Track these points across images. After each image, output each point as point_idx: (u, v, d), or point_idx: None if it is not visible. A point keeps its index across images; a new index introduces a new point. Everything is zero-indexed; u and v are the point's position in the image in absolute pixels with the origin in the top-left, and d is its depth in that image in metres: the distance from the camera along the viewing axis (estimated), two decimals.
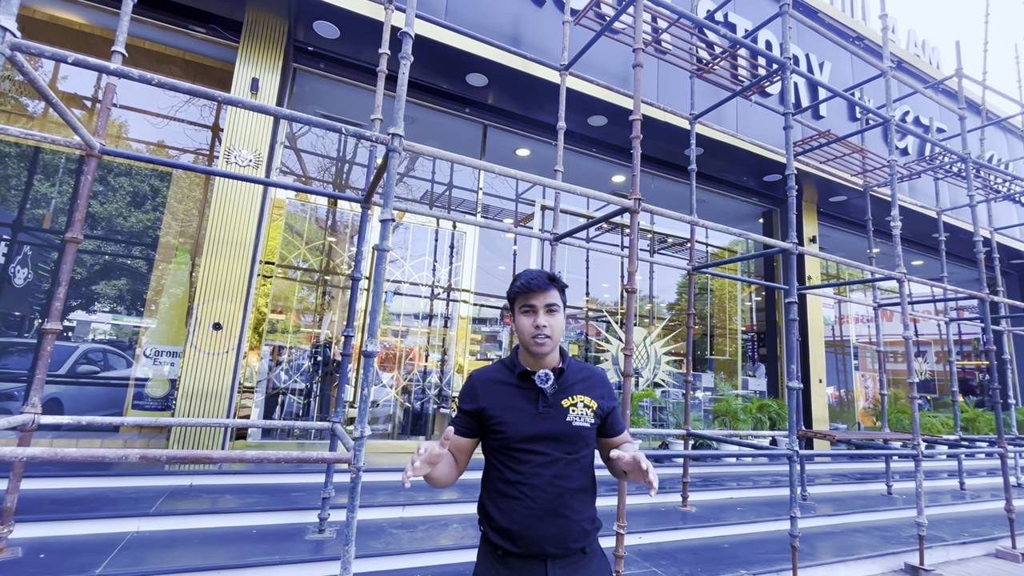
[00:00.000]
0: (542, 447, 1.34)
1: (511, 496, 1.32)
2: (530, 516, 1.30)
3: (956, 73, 5.83)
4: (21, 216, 4.84)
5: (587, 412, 1.39)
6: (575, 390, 1.41)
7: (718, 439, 4.52)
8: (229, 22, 4.78)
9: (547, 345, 1.38)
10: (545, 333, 1.38)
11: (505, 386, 1.41)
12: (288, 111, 2.30)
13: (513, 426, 1.35)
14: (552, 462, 1.33)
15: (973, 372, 12.81)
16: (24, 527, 2.82)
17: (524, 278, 1.42)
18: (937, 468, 7.76)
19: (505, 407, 1.37)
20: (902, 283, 4.24)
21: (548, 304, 1.40)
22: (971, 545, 4.55)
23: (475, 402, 1.40)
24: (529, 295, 1.40)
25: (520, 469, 1.33)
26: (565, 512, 1.31)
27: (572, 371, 1.45)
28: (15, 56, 1.87)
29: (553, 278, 1.42)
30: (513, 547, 1.30)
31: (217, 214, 4.30)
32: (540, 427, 1.35)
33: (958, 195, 8.68)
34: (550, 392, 1.38)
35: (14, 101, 5.03)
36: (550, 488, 1.31)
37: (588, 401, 1.40)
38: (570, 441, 1.36)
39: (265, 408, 5.34)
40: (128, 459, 1.89)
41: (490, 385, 1.42)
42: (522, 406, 1.37)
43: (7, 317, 4.78)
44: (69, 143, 2.76)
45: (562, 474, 1.33)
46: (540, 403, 1.37)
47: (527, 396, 1.39)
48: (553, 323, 1.39)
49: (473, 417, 1.41)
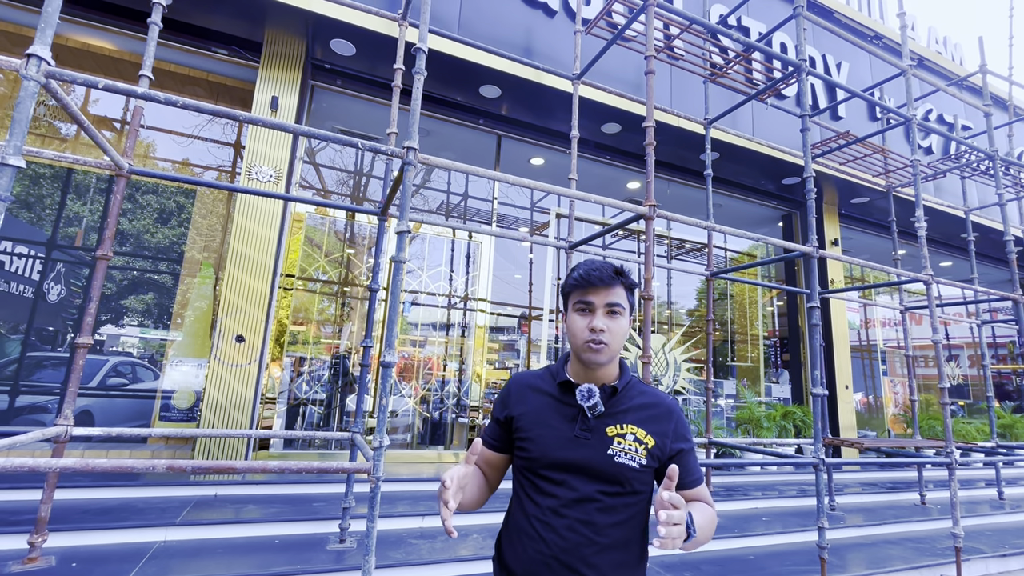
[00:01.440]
0: (571, 479, 1.07)
1: (526, 533, 1.08)
2: (539, 563, 1.04)
3: (980, 69, 5.70)
4: (55, 235, 5.04)
5: (637, 448, 1.08)
6: (628, 418, 1.11)
7: (741, 447, 4.43)
8: (249, 43, 4.94)
9: (603, 354, 1.10)
10: (603, 339, 1.09)
11: (542, 395, 1.17)
12: (306, 128, 2.36)
13: (540, 445, 1.10)
14: (581, 501, 1.06)
15: (1009, 376, 12.34)
16: (57, 536, 2.91)
17: (583, 268, 1.14)
18: (973, 477, 7.46)
19: (536, 420, 1.13)
20: (929, 285, 4.13)
21: (610, 304, 1.11)
22: (1012, 558, 4.35)
23: (507, 408, 1.19)
24: (588, 290, 1.12)
25: (540, 502, 1.08)
26: (584, 571, 1.03)
27: (630, 393, 1.15)
28: (50, 83, 1.96)
29: (620, 272, 1.14)
30: None
31: (239, 229, 4.42)
32: (571, 453, 1.08)
33: (987, 193, 8.42)
34: (593, 413, 1.10)
35: (48, 125, 5.25)
36: (570, 534, 1.04)
37: (642, 435, 1.09)
38: (609, 480, 1.07)
39: (287, 419, 5.42)
40: (155, 470, 1.94)
41: (526, 392, 1.19)
42: (556, 423, 1.12)
43: (42, 332, 4.96)
44: (100, 164, 2.87)
45: (591, 520, 1.05)
46: (579, 424, 1.10)
47: (564, 413, 1.12)
48: (614, 327, 1.11)
49: (502, 427, 1.19)
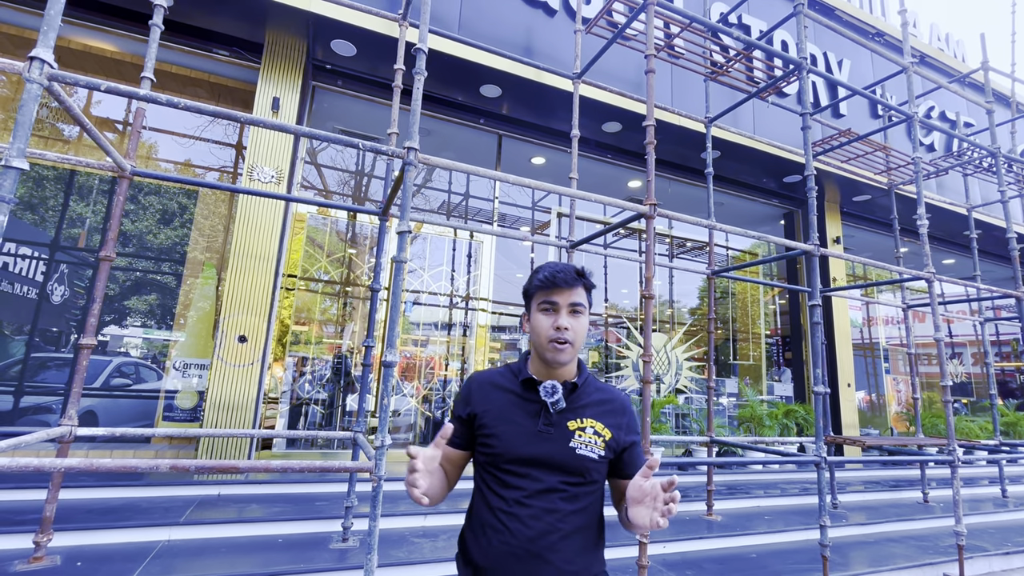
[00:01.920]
0: (535, 472, 1.12)
1: (491, 526, 1.11)
2: (507, 554, 1.07)
3: (982, 66, 5.68)
4: (58, 236, 5.06)
5: (596, 441, 1.15)
6: (587, 412, 1.19)
7: (743, 446, 4.43)
8: (250, 44, 4.95)
9: (566, 352, 1.16)
10: (566, 338, 1.15)
11: (504, 393, 1.21)
12: (307, 129, 2.37)
13: (504, 441, 1.14)
14: (544, 492, 1.11)
15: (1013, 374, 12.30)
16: (62, 536, 2.93)
17: (548, 270, 1.20)
18: (977, 475, 7.45)
19: (499, 417, 1.17)
20: (931, 283, 4.12)
21: (573, 303, 1.17)
22: (1015, 555, 4.35)
23: (469, 405, 1.22)
24: (552, 291, 1.18)
25: (505, 495, 1.12)
26: (550, 557, 1.08)
27: (588, 389, 1.23)
28: (53, 86, 1.97)
29: (582, 273, 1.21)
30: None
31: (241, 229, 4.43)
32: (536, 448, 1.13)
33: (989, 190, 8.39)
34: (555, 409, 1.16)
35: (51, 127, 5.28)
36: (535, 523, 1.09)
37: (600, 428, 1.17)
38: (570, 471, 1.13)
39: (289, 418, 5.44)
40: (159, 469, 1.95)
41: (488, 389, 1.23)
42: (519, 420, 1.16)
43: (45, 333, 4.98)
44: (102, 165, 2.89)
45: (555, 509, 1.10)
46: (541, 419, 1.16)
47: (527, 409, 1.18)
48: (576, 326, 1.17)
49: (465, 424, 1.22)
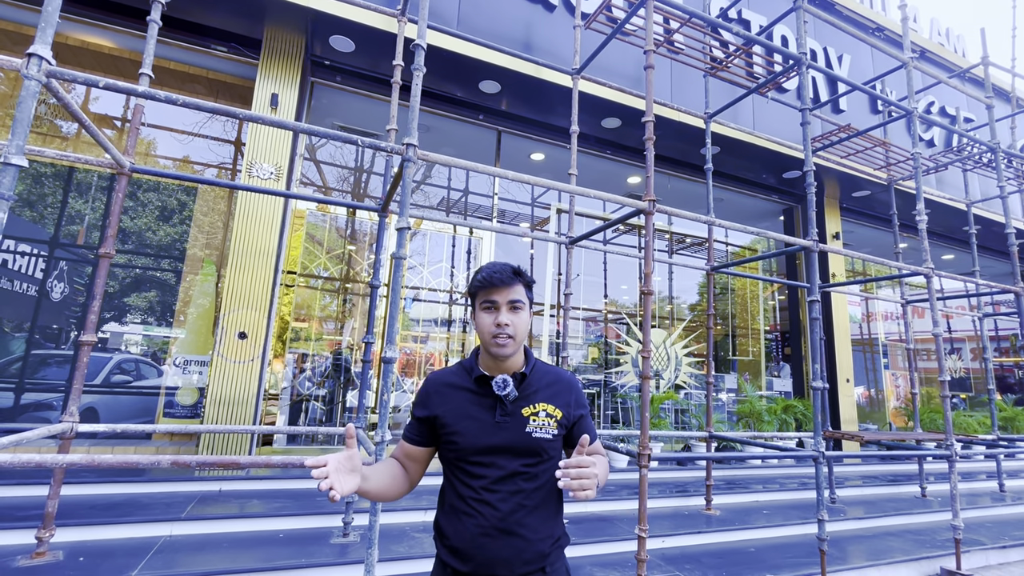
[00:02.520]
0: (499, 459, 1.22)
1: (463, 512, 1.22)
2: (481, 535, 1.19)
3: (982, 61, 5.66)
4: (57, 233, 5.06)
5: (549, 422, 1.26)
6: (538, 397, 1.28)
7: (742, 441, 4.45)
8: (249, 40, 4.94)
9: (509, 346, 1.25)
10: (507, 332, 1.24)
11: (460, 391, 1.29)
12: (305, 125, 2.37)
13: (467, 437, 1.24)
14: (509, 476, 1.22)
15: (1011, 369, 12.33)
16: (64, 531, 2.95)
17: (486, 271, 1.29)
18: (974, 469, 7.48)
19: (459, 415, 1.25)
20: (930, 278, 4.13)
21: (512, 301, 1.27)
22: (1012, 549, 4.37)
23: (427, 408, 1.29)
24: (491, 290, 1.27)
25: (473, 484, 1.22)
26: (520, 531, 1.20)
27: (536, 376, 1.32)
28: (51, 83, 1.97)
29: (518, 272, 1.30)
30: (462, 566, 1.20)
31: (240, 226, 4.43)
32: (496, 438, 1.23)
33: (988, 186, 8.39)
34: (509, 399, 1.25)
35: (49, 123, 5.27)
36: (503, 504, 1.20)
37: (551, 410, 1.27)
38: (529, 454, 1.24)
39: (290, 414, 5.45)
40: (160, 465, 1.97)
41: (444, 390, 1.30)
42: (477, 415, 1.25)
43: (46, 330, 4.99)
44: (101, 162, 2.89)
45: (519, 489, 1.22)
46: (498, 411, 1.25)
47: (483, 404, 1.26)
48: (517, 322, 1.26)
49: (425, 424, 1.29)
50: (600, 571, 3.24)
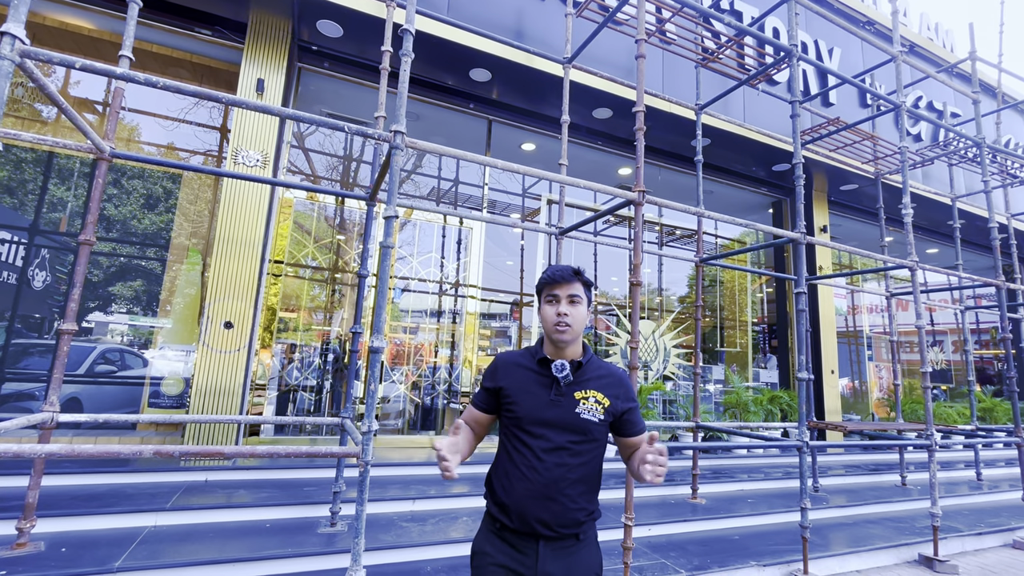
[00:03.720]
0: (549, 432, 1.40)
1: (513, 474, 1.40)
2: (527, 496, 1.36)
3: (970, 56, 5.70)
4: (38, 220, 4.95)
5: (597, 408, 1.43)
6: (590, 385, 1.46)
7: (728, 431, 4.50)
8: (233, 23, 4.83)
9: (567, 333, 1.44)
10: (566, 322, 1.44)
11: (524, 370, 1.49)
12: (292, 111, 2.32)
13: (524, 408, 1.42)
14: (556, 449, 1.39)
15: (991, 361, 12.59)
16: (46, 522, 2.91)
17: (551, 270, 1.51)
18: (953, 459, 7.65)
19: (520, 389, 1.45)
20: (914, 272, 4.18)
21: (571, 295, 1.47)
22: (987, 536, 4.49)
23: (495, 381, 1.50)
24: (554, 285, 1.48)
25: (524, 451, 1.40)
26: (560, 498, 1.36)
27: (591, 367, 1.50)
28: (25, 63, 1.91)
29: (578, 272, 1.50)
30: (509, 522, 1.38)
31: (226, 214, 4.36)
32: (549, 413, 1.41)
33: (974, 181, 8.50)
34: (564, 382, 1.43)
35: (28, 107, 5.13)
36: (549, 473, 1.37)
37: (600, 397, 1.45)
38: (576, 431, 1.40)
39: (277, 405, 5.42)
40: (143, 455, 1.94)
41: (511, 367, 1.51)
42: (536, 391, 1.44)
43: (27, 319, 4.89)
44: (81, 147, 2.81)
45: (564, 462, 1.38)
46: (553, 391, 1.43)
47: (542, 382, 1.45)
48: (575, 313, 1.46)
49: (492, 395, 1.51)
50: None
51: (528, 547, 1.37)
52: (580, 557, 1.40)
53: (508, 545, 1.39)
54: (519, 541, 1.38)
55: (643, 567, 3.21)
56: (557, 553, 1.37)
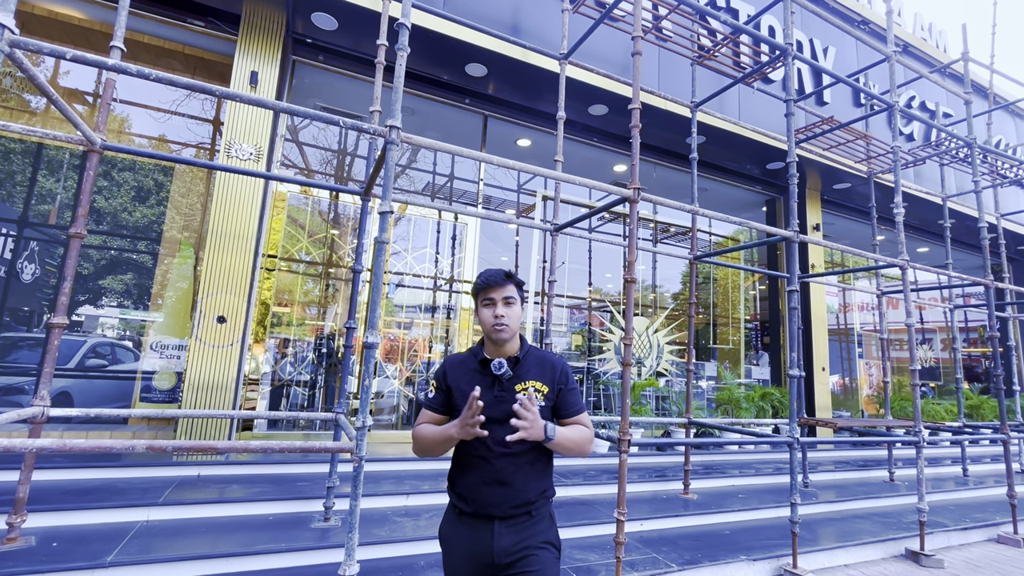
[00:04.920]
0: (496, 428, 1.48)
1: (468, 465, 1.54)
2: (481, 483, 1.51)
3: (962, 56, 5.74)
4: (27, 212, 4.89)
5: (537, 396, 1.54)
6: (529, 376, 1.57)
7: (720, 427, 4.54)
8: (227, 15, 4.77)
9: (505, 332, 1.56)
10: (503, 322, 1.56)
11: (469, 371, 1.59)
12: (285, 104, 2.31)
13: None
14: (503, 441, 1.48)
15: (979, 359, 12.76)
16: (37, 517, 2.89)
17: (484, 276, 1.61)
18: (941, 455, 7.76)
19: (466, 389, 1.52)
20: (905, 270, 4.22)
21: (505, 297, 1.57)
22: (972, 531, 4.57)
23: (446, 381, 1.60)
24: (489, 290, 1.58)
25: (475, 444, 1.51)
26: (511, 481, 1.50)
27: (529, 359, 1.60)
28: (14, 53, 1.88)
29: (509, 275, 1.61)
30: (467, 507, 1.52)
31: (219, 208, 4.33)
32: (494, 410, 1.50)
33: (965, 181, 8.58)
34: (505, 378, 1.54)
35: (16, 97, 5.05)
36: (498, 461, 1.50)
37: (539, 386, 1.56)
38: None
39: (271, 400, 5.40)
40: (135, 449, 1.93)
41: (458, 368, 1.61)
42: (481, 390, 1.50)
43: (16, 312, 4.84)
44: (71, 139, 2.78)
45: (513, 451, 1.50)
46: (496, 388, 1.54)
47: (485, 381, 1.54)
48: (510, 313, 1.57)
49: (444, 394, 1.61)
50: (579, 553, 3.30)
51: (484, 527, 1.49)
52: (533, 530, 1.52)
53: (467, 528, 1.52)
54: (476, 523, 1.51)
55: (635, 561, 3.24)
56: (510, 529, 1.49)
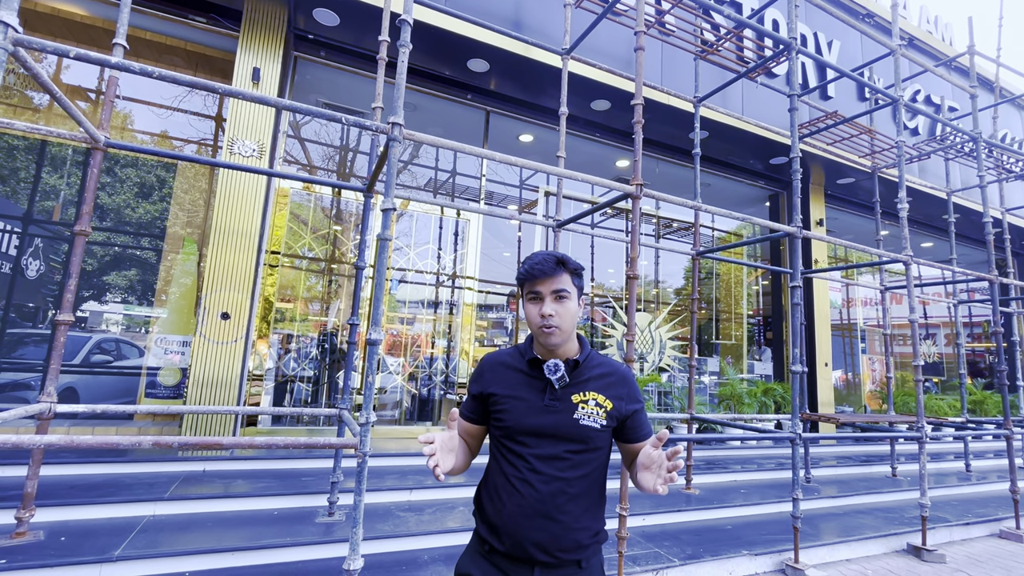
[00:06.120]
0: (543, 442, 1.22)
1: (504, 489, 1.22)
2: (519, 514, 1.19)
3: (968, 50, 5.70)
4: (31, 209, 4.91)
5: (598, 412, 1.25)
6: (589, 386, 1.28)
7: (722, 423, 4.55)
8: (229, 11, 4.77)
9: (555, 335, 1.24)
10: (552, 323, 1.23)
11: (514, 372, 1.31)
12: (288, 101, 2.31)
13: (514, 415, 1.25)
14: (552, 459, 1.22)
15: (983, 354, 12.72)
16: (44, 511, 2.92)
17: (529, 262, 1.28)
18: (943, 450, 7.76)
19: (510, 394, 1.27)
20: (908, 266, 4.21)
21: (556, 291, 1.25)
22: (974, 526, 4.57)
23: (481, 385, 1.32)
24: (535, 281, 1.26)
25: (516, 462, 1.23)
26: (559, 516, 1.19)
27: (590, 365, 1.31)
28: (18, 51, 1.88)
29: (562, 261, 1.27)
30: (499, 544, 1.21)
31: (222, 204, 4.34)
32: (543, 420, 1.23)
33: (970, 175, 8.53)
34: (559, 384, 1.25)
35: (19, 94, 5.06)
36: (545, 487, 1.19)
37: (602, 400, 1.26)
38: (575, 440, 1.23)
39: (275, 396, 5.43)
40: (142, 445, 1.95)
41: (498, 369, 1.33)
42: (527, 395, 1.26)
43: (22, 308, 4.87)
44: (75, 136, 2.79)
45: (562, 475, 1.21)
46: (547, 395, 1.25)
47: (534, 385, 1.27)
48: (562, 311, 1.24)
49: (479, 401, 1.33)
50: None
51: (520, 573, 1.19)
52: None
53: (498, 570, 1.21)
54: (511, 567, 1.20)
55: (637, 556, 3.26)
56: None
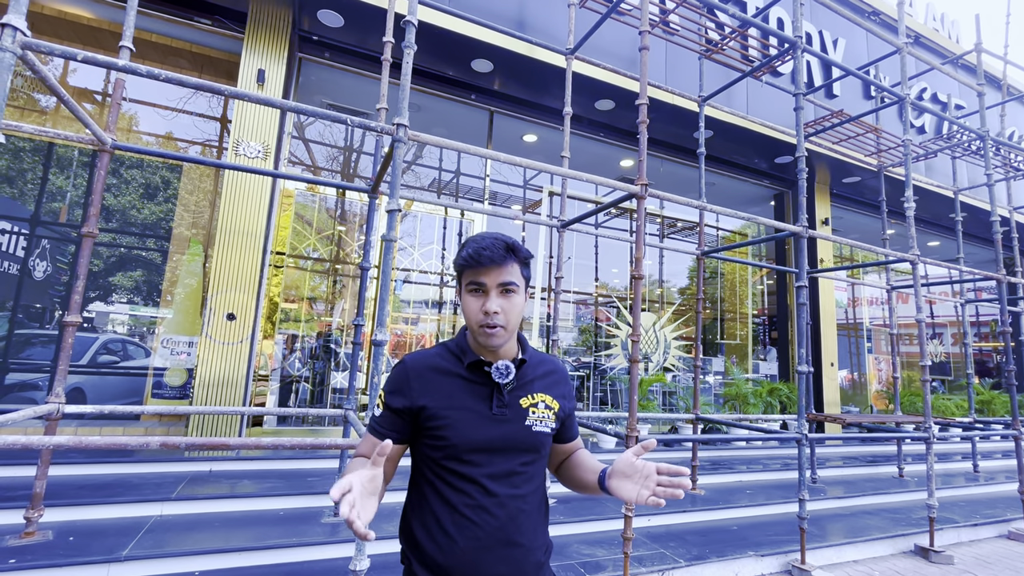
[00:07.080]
0: (495, 458, 1.03)
1: (451, 522, 1.01)
2: (475, 548, 0.99)
3: (975, 47, 5.66)
4: (38, 210, 4.94)
5: (548, 415, 1.09)
6: (535, 387, 1.11)
7: (727, 423, 4.53)
8: (233, 13, 4.79)
9: (499, 336, 1.04)
10: (497, 322, 1.03)
11: (449, 378, 1.07)
12: (293, 103, 2.31)
13: (459, 430, 1.03)
14: (506, 476, 1.03)
15: (990, 354, 12.63)
16: (53, 511, 2.94)
17: (474, 246, 1.05)
18: (951, 451, 7.71)
19: (450, 406, 1.04)
20: (915, 265, 4.19)
21: (504, 283, 1.04)
22: (983, 527, 4.54)
23: (407, 398, 1.06)
24: (479, 270, 1.04)
25: (466, 487, 1.01)
26: (520, 539, 1.03)
27: (532, 363, 1.13)
28: (26, 55, 1.90)
29: (513, 248, 1.06)
30: None
31: (227, 205, 4.36)
32: (493, 432, 1.04)
33: (977, 174, 8.47)
34: (507, 389, 1.07)
35: (26, 97, 5.10)
36: (501, 511, 1.01)
37: (550, 401, 1.11)
38: (529, 450, 1.07)
39: (280, 396, 5.45)
40: (149, 446, 1.96)
41: (428, 375, 1.07)
42: (471, 405, 1.05)
43: (29, 309, 4.91)
44: (82, 139, 2.81)
45: (518, 492, 1.04)
46: (494, 402, 1.06)
47: (477, 392, 1.06)
48: (509, 308, 1.04)
49: (403, 417, 1.07)
50: (587, 548, 3.32)
51: None
52: None
53: None
54: None
55: (642, 557, 3.25)
56: None
